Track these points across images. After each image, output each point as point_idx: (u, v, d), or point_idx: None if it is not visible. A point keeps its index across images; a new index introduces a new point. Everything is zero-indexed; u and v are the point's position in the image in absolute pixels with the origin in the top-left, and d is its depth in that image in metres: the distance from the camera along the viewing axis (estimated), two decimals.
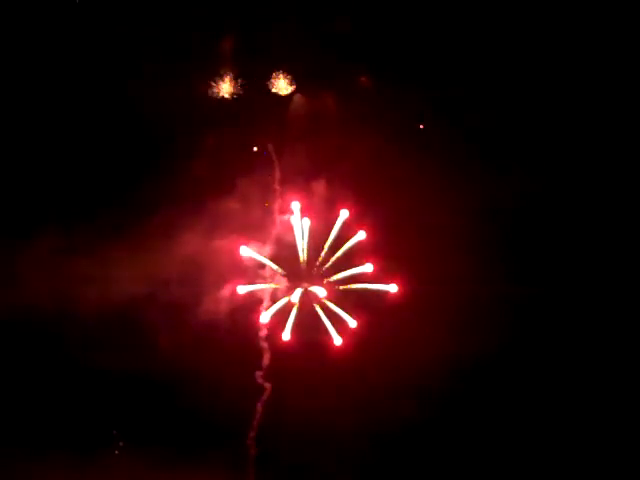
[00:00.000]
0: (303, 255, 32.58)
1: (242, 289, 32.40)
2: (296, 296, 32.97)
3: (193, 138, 31.10)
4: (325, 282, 33.11)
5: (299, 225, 32.38)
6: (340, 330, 32.66)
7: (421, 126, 32.33)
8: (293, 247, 32.22)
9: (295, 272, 32.90)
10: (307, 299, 32.95)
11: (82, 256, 29.67)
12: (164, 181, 30.70)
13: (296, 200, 32.54)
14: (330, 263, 33.09)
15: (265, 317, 32.52)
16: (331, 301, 33.08)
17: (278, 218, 32.39)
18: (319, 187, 32.06)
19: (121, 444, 30.63)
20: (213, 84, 31.59)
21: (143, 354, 29.95)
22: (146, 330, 29.94)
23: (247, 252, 32.38)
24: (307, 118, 32.19)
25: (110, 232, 30.01)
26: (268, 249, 32.19)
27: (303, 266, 33.01)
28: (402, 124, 32.06)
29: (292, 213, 32.44)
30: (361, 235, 33.27)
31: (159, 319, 30.20)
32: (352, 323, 32.92)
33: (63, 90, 30.80)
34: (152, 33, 30.33)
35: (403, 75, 31.33)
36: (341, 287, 32.83)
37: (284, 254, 32.33)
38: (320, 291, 33.09)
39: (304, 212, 32.05)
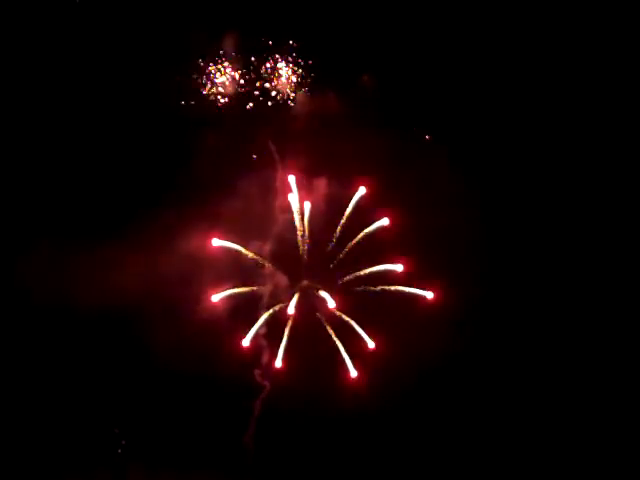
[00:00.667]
0: (303, 240, 28.81)
1: (216, 297, 28.68)
2: (292, 306, 28.22)
3: (194, 137, 30.17)
4: (336, 284, 28.83)
5: (297, 205, 28.83)
6: (352, 350, 28.49)
7: (427, 137, 31.22)
8: (295, 244, 29.33)
9: (296, 271, 29.15)
10: (309, 305, 28.93)
11: (81, 256, 28.98)
12: (163, 180, 29.92)
13: (292, 174, 29.23)
14: (341, 257, 28.87)
15: (246, 340, 28.47)
16: (342, 311, 28.42)
17: (280, 216, 29.67)
18: (322, 180, 29.45)
19: (123, 442, 29.77)
20: (214, 82, 30.56)
21: (142, 353, 28.98)
22: (145, 330, 28.83)
23: (219, 243, 28.84)
24: (310, 117, 30.49)
25: (109, 232, 29.35)
26: (267, 247, 29.41)
27: (304, 261, 28.95)
28: (408, 124, 30.86)
29: (290, 191, 29.17)
30: (384, 222, 28.84)
31: (159, 319, 28.90)
32: (370, 343, 28.43)
33: (62, 90, 30.45)
34: (152, 31, 30.16)
35: (408, 75, 30.77)
36: (364, 288, 28.54)
37: (286, 252, 29.33)
38: (328, 298, 28.31)
39: (306, 197, 29.19)
